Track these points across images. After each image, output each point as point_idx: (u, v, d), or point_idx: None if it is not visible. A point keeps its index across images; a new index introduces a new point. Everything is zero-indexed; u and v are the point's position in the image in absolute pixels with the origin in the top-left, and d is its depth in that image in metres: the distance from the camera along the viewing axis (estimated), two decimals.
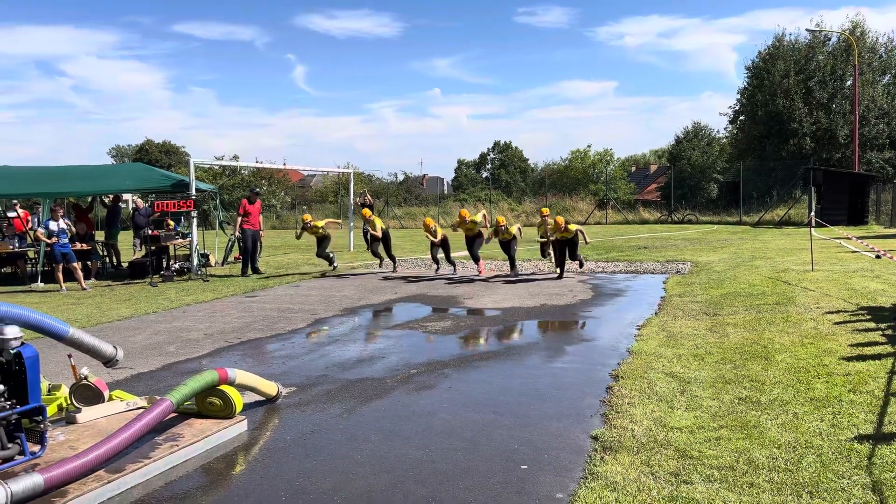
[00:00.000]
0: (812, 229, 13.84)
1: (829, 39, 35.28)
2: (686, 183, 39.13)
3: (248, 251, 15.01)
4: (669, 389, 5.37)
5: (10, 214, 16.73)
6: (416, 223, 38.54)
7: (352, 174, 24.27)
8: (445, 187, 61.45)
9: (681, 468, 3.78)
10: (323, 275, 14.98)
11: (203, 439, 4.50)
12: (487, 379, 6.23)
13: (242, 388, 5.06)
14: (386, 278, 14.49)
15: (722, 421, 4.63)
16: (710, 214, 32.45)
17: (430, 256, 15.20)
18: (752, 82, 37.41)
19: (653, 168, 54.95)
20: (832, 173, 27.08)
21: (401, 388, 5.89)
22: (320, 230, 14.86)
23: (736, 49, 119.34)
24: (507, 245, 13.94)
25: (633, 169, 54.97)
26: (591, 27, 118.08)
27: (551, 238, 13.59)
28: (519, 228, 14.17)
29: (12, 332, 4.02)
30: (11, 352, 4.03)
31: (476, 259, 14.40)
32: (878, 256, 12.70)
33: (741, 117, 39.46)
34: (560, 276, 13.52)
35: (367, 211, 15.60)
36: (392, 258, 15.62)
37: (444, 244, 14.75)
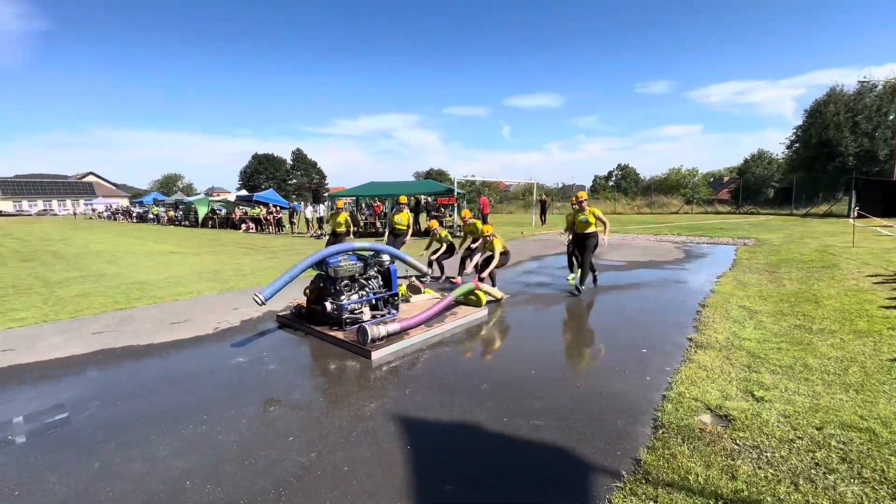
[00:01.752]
0: (853, 219, 11.60)
1: (876, 87, 30.75)
2: (750, 188, 36.21)
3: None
4: (741, 316, 4.93)
5: (375, 204, 20.88)
6: (569, 212, 37.52)
7: (535, 184, 25.71)
8: (587, 191, 65.48)
9: (752, 363, 3.56)
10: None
11: (467, 316, 5.14)
12: (615, 300, 6.21)
13: (486, 293, 5.66)
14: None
15: (782, 338, 4.16)
16: (767, 209, 29.35)
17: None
18: (807, 120, 33.56)
19: (725, 178, 52.29)
20: (870, 180, 22.83)
21: (567, 300, 6.15)
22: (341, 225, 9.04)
23: (795, 98, 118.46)
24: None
25: (711, 179, 52.66)
26: (685, 91, 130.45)
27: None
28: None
29: (386, 257, 5.00)
30: (385, 266, 4.99)
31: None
32: None
33: (796, 145, 35.23)
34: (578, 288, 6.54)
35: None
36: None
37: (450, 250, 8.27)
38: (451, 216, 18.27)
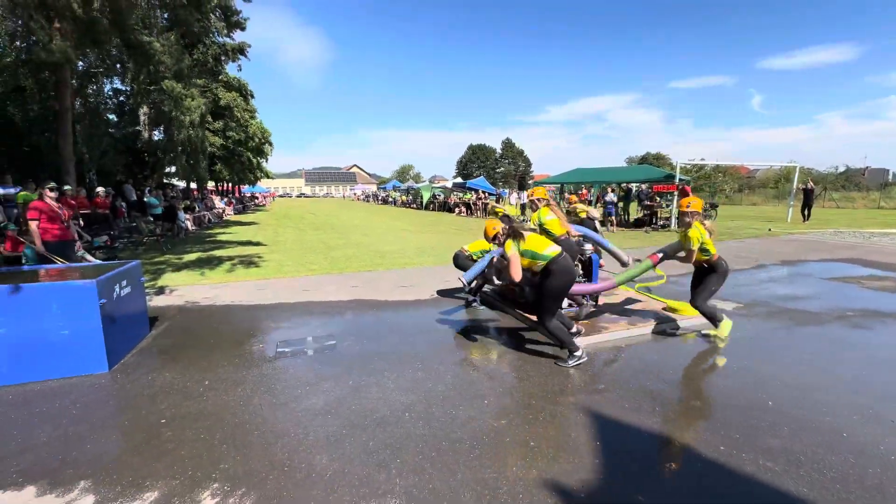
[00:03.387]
0: None
1: None
2: None
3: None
4: None
5: (581, 190, 19.74)
6: (853, 205, 26.95)
7: (797, 168, 19.29)
8: (890, 177, 43.62)
9: None
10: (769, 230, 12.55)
11: (681, 321, 4.50)
12: None
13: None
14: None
15: None
16: None
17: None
18: None
19: None
20: None
21: (835, 322, 4.56)
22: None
23: None
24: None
25: None
26: None
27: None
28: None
29: (588, 246, 4.84)
30: (587, 255, 4.83)
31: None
32: None
33: None
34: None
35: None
36: None
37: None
38: (667, 206, 15.96)
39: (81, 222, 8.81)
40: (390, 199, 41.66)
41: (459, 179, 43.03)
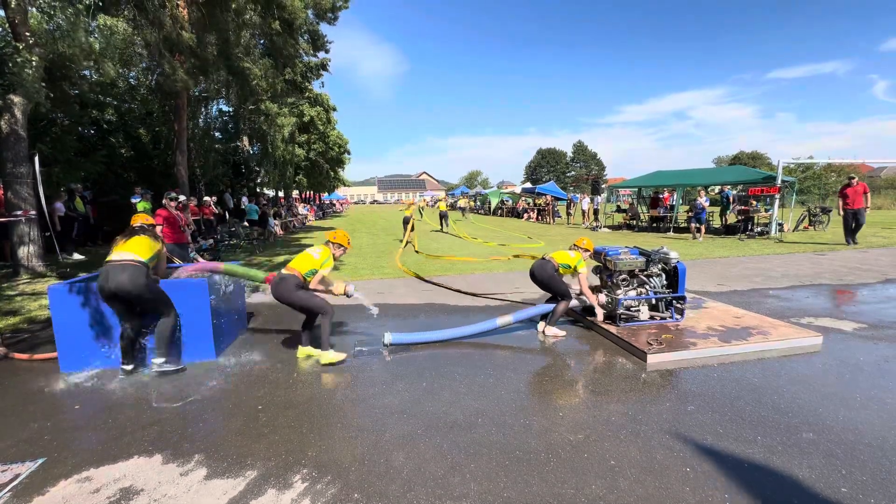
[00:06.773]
0: None
1: None
2: None
3: (848, 226, 11.14)
4: None
5: (662, 195, 17.38)
6: None
7: None
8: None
9: None
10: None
11: (788, 340, 4.00)
12: None
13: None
14: None
15: None
16: None
17: None
18: None
19: None
20: None
21: None
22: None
23: None
24: None
25: None
26: None
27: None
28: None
29: (674, 255, 4.45)
30: (672, 264, 4.50)
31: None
32: None
33: None
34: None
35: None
36: None
37: None
38: (766, 211, 14.26)
39: (193, 227, 10.05)
40: (458, 206, 42.04)
41: (528, 185, 42.31)
